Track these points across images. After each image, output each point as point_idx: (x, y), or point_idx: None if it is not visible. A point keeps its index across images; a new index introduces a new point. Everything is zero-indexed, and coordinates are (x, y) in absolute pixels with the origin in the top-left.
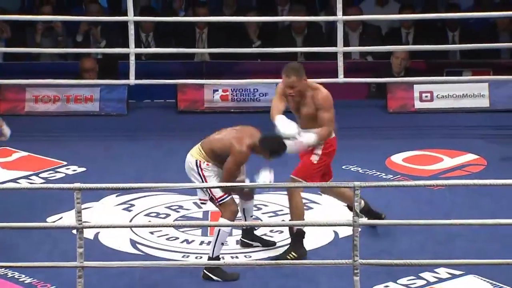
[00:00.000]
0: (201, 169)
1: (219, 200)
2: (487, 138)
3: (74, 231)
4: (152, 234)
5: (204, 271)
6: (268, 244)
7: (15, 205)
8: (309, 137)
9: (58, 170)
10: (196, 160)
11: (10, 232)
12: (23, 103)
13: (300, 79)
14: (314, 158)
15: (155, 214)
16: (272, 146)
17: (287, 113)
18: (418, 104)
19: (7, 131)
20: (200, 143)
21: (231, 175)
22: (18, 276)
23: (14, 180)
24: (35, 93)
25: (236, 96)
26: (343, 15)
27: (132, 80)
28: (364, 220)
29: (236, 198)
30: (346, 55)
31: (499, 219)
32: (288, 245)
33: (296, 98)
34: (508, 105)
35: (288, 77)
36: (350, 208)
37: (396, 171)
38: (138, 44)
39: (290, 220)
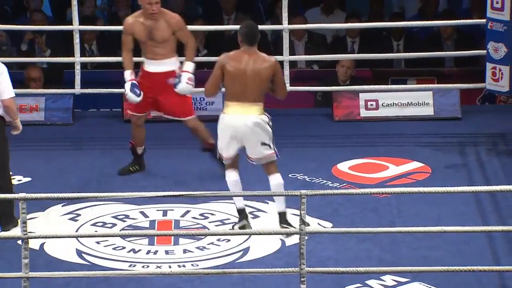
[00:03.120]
0: (270, 121)
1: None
2: (432, 146)
3: (19, 242)
4: (99, 244)
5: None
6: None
7: None
8: (189, 65)
9: None
10: (263, 116)
11: None
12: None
13: None
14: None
15: (101, 223)
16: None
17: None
18: (363, 113)
19: (20, 124)
20: (241, 102)
21: None
22: None
23: None
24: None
25: None
26: (288, 24)
27: (77, 89)
28: (310, 228)
29: None
30: (292, 63)
31: (443, 226)
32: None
33: (154, 18)
34: (452, 113)
35: None
36: (205, 149)
37: (342, 179)
38: (82, 53)
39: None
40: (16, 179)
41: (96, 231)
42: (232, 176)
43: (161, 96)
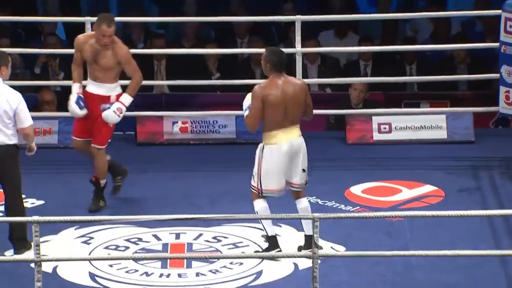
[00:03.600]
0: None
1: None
2: (445, 170)
3: (32, 265)
4: (111, 267)
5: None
6: None
7: None
8: (126, 97)
9: None
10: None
11: None
12: None
13: (114, 30)
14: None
15: (114, 246)
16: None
17: None
18: (376, 136)
19: (34, 146)
20: (284, 129)
21: None
22: None
23: None
24: None
25: (195, 128)
26: (301, 47)
27: None
28: (323, 251)
29: None
30: None
31: (457, 250)
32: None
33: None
34: (465, 136)
35: (109, 27)
36: (92, 181)
37: (355, 202)
38: None
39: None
40: (29, 202)
41: (109, 254)
42: (264, 203)
43: (91, 118)
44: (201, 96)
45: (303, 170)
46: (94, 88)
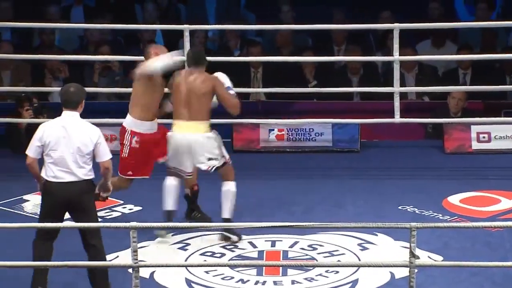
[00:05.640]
0: (217, 136)
1: (228, 162)
2: None
3: (130, 270)
4: (208, 273)
5: (224, 233)
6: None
7: (72, 243)
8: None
9: (114, 209)
10: (209, 134)
11: (68, 271)
12: None
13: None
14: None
15: (210, 253)
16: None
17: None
18: (475, 145)
19: (110, 185)
20: (183, 120)
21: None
22: None
23: (71, 219)
24: None
25: (291, 135)
26: (399, 55)
27: None
28: (421, 261)
29: None
30: (403, 95)
31: None
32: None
33: None
34: None
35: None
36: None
37: (453, 212)
38: None
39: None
40: (127, 208)
41: (205, 260)
42: (170, 181)
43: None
44: (298, 104)
45: (209, 158)
46: (155, 125)
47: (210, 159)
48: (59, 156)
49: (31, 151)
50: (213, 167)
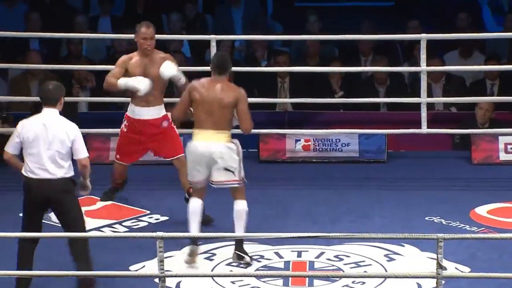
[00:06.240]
0: (238, 149)
1: (242, 181)
2: None
3: (156, 280)
4: (234, 283)
5: (238, 252)
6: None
7: (98, 253)
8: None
9: (141, 219)
10: (231, 144)
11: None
12: (108, 152)
13: (154, 33)
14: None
15: (236, 263)
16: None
17: None
18: (503, 156)
19: (89, 183)
20: (205, 129)
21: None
22: None
23: (98, 229)
24: None
25: (318, 146)
26: (426, 66)
27: None
28: (448, 272)
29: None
30: (430, 105)
31: None
32: None
33: (148, 52)
34: None
35: (148, 28)
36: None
37: (480, 223)
38: None
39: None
40: (154, 218)
41: (231, 270)
42: (194, 203)
43: (153, 143)
44: (324, 114)
45: (226, 169)
46: (147, 113)
47: (226, 169)
48: (36, 153)
49: (9, 146)
50: (227, 183)
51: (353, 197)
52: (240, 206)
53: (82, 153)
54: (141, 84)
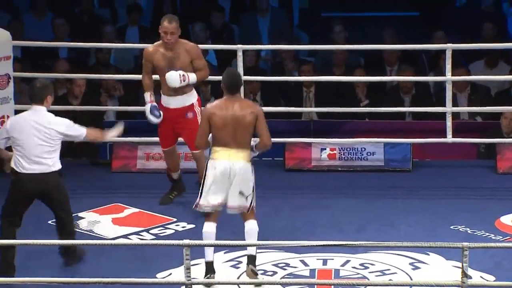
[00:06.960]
0: (253, 169)
1: (252, 208)
2: None
3: (183, 287)
4: None
5: (252, 267)
6: None
7: (126, 260)
8: (192, 76)
9: (168, 226)
10: (250, 165)
11: None
12: (135, 161)
13: (179, 28)
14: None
15: (262, 271)
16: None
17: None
18: None
19: (113, 133)
20: (227, 148)
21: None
22: None
23: (125, 236)
24: (147, 150)
25: (343, 155)
26: (451, 75)
27: None
28: (473, 281)
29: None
30: (455, 115)
31: None
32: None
33: (169, 47)
34: None
35: (170, 23)
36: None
37: (506, 232)
38: None
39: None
40: (180, 226)
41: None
42: (207, 228)
43: (180, 130)
44: (350, 123)
45: (241, 193)
46: (174, 102)
47: (241, 193)
48: (25, 148)
49: None
50: (238, 210)
51: (378, 206)
52: (251, 225)
53: (81, 134)
54: (171, 80)
